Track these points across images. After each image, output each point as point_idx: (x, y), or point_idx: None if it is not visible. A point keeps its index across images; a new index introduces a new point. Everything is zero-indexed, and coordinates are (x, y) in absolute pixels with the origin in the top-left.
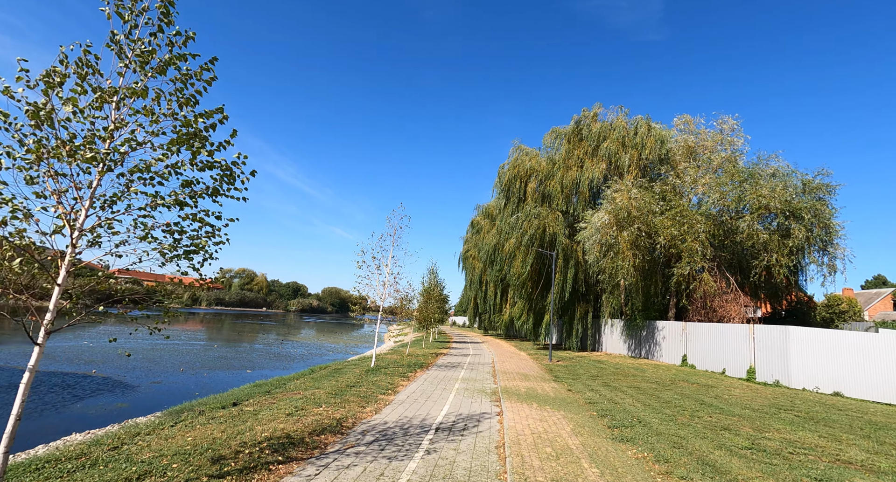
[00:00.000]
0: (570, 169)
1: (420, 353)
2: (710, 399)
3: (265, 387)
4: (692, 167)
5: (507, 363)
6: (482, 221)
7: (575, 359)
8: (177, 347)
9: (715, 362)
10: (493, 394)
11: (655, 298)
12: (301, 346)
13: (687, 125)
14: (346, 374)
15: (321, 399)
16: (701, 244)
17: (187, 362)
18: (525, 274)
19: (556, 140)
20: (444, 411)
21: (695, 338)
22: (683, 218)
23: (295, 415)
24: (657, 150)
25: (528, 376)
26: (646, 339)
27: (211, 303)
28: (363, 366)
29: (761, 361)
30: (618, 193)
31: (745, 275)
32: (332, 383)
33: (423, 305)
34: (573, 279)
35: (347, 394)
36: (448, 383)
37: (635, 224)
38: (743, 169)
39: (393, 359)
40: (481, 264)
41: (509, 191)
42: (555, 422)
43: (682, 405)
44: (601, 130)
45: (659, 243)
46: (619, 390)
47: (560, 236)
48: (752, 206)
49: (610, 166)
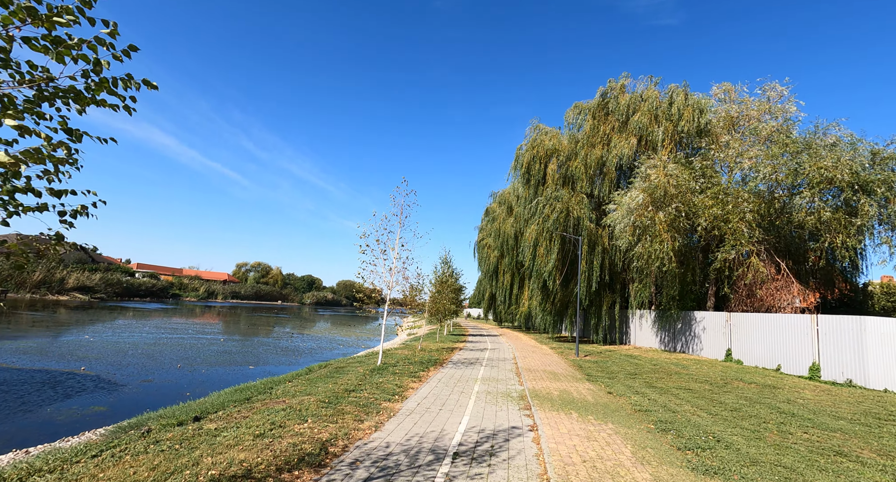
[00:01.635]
0: (594, 147)
1: (434, 348)
2: (784, 405)
3: (246, 393)
4: (735, 139)
5: (530, 359)
6: (497, 209)
7: (603, 353)
8: (181, 342)
9: (766, 357)
10: (520, 398)
11: (693, 287)
12: (311, 340)
13: (727, 94)
14: (347, 374)
15: (309, 410)
16: (748, 225)
17: (188, 358)
18: (549, 262)
19: (579, 116)
20: (463, 425)
21: (741, 331)
22: (727, 196)
23: (266, 437)
24: (695, 121)
25: (556, 375)
26: (681, 332)
27: (227, 296)
28: (369, 363)
29: (828, 357)
30: (653, 170)
31: (795, 260)
32: (329, 386)
33: (436, 296)
34: (599, 267)
35: (344, 401)
36: (466, 385)
37: (673, 203)
38: (798, 139)
39: (403, 355)
40: (497, 253)
41: (528, 173)
42: (607, 442)
43: (757, 414)
44: (630, 103)
45: (700, 225)
46: (667, 392)
47: (585, 221)
48: (811, 179)
49: (640, 142)
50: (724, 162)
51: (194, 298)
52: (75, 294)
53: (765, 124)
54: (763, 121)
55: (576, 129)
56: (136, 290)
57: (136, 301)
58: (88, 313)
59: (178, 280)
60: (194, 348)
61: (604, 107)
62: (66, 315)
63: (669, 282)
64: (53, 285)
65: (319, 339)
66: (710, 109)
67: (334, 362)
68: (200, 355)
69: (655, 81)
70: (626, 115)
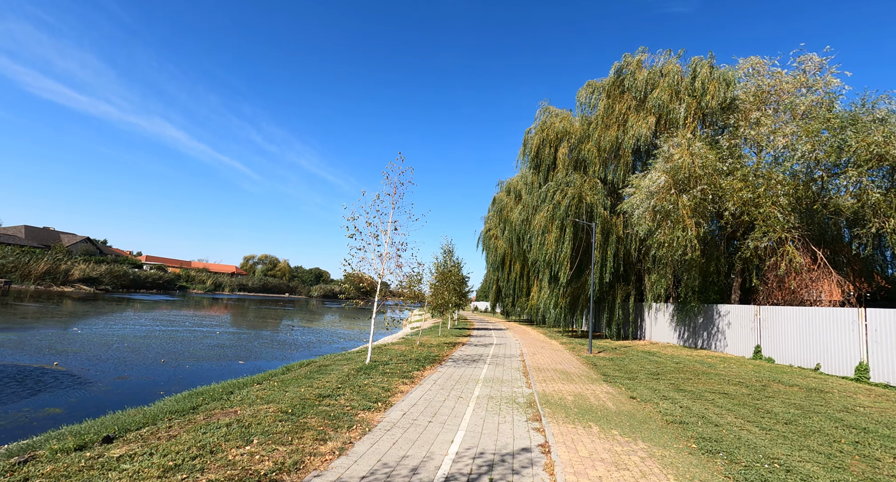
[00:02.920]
0: (609, 128)
1: (434, 343)
2: (845, 415)
3: (195, 399)
4: (767, 116)
5: (540, 355)
6: (505, 198)
7: (618, 349)
8: (174, 335)
9: (803, 356)
10: (528, 405)
11: (716, 278)
12: (312, 333)
13: (755, 69)
14: (328, 375)
15: (261, 425)
16: (781, 210)
17: (175, 352)
18: (560, 252)
19: (592, 95)
20: (456, 446)
21: (773, 326)
22: (758, 178)
23: (182, 471)
24: (721, 95)
25: (569, 375)
26: (703, 327)
27: (234, 289)
28: (359, 361)
29: (879, 356)
30: (676, 149)
31: (832, 249)
32: (301, 391)
33: (438, 288)
34: (613, 257)
35: (311, 411)
36: (465, 387)
37: (698, 186)
38: (841, 113)
39: (399, 350)
40: (504, 244)
41: (537, 158)
42: (642, 472)
43: (820, 428)
44: (648, 79)
45: (727, 210)
46: (700, 398)
47: (598, 207)
48: (858, 157)
49: (660, 121)
50: (754, 141)
51: (201, 291)
52: (80, 285)
53: (802, 99)
54: (799, 95)
55: (588, 109)
56: (143, 282)
57: (143, 293)
58: (91, 305)
59: (185, 272)
60: (186, 341)
61: (619, 84)
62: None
63: (691, 273)
64: (58, 276)
65: (321, 333)
66: (736, 83)
67: (319, 360)
68: (190, 349)
69: (677, 55)
70: (643, 93)
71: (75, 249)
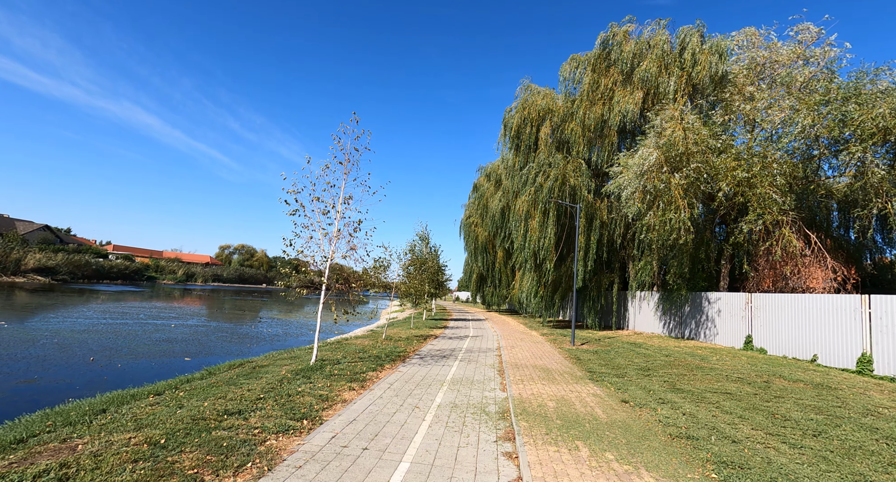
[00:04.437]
0: (594, 104)
1: (403, 336)
2: (873, 421)
3: (38, 425)
4: (762, 90)
5: (519, 349)
6: (485, 183)
7: (602, 340)
8: (120, 328)
9: (798, 346)
10: (501, 416)
11: (706, 264)
12: (280, 325)
13: (749, 40)
14: (257, 379)
15: (97, 472)
16: (778, 190)
17: (113, 348)
18: (543, 238)
19: (576, 70)
20: None
21: (765, 315)
22: (753, 156)
23: None
24: (713, 67)
25: (550, 372)
26: (690, 316)
27: (207, 279)
28: (306, 359)
29: (884, 347)
30: (669, 122)
31: (825, 232)
32: (201, 407)
33: (412, 275)
34: (596, 244)
35: (194, 441)
36: (426, 392)
37: (692, 164)
38: (843, 84)
39: (360, 345)
40: (485, 232)
41: (518, 138)
42: None
43: (859, 443)
44: (635, 51)
45: (721, 190)
46: (703, 400)
47: (582, 190)
48: (864, 131)
49: (648, 96)
50: (748, 116)
51: (172, 281)
52: (34, 276)
53: (800, 70)
54: (796, 67)
55: (573, 85)
56: (108, 273)
57: (106, 284)
58: (41, 296)
59: (154, 262)
60: (130, 336)
61: (605, 57)
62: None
63: (681, 259)
64: (8, 266)
65: (289, 324)
66: (729, 56)
67: (259, 359)
68: (131, 345)
69: (663, 24)
70: (630, 66)
71: (32, 238)
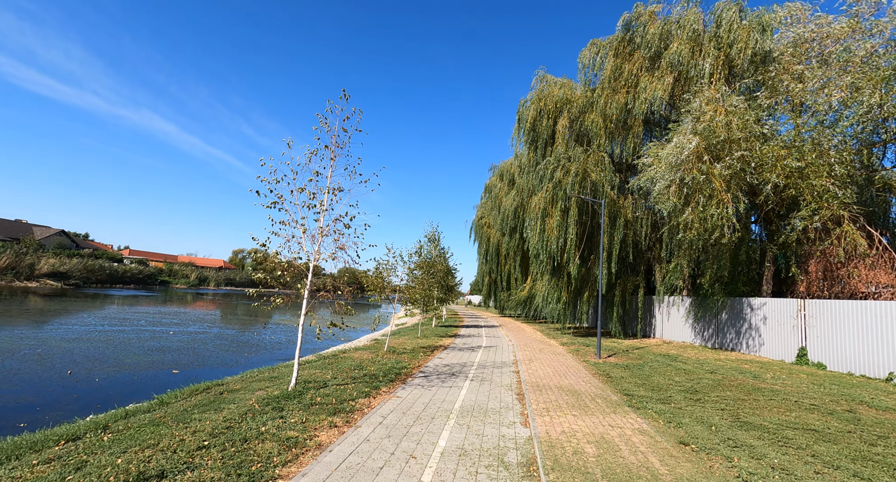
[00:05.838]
0: (617, 93)
1: (409, 347)
2: None
3: None
4: (812, 69)
5: (538, 363)
6: (497, 183)
7: (630, 351)
8: (115, 336)
9: (867, 362)
10: (525, 472)
11: (746, 266)
12: (284, 332)
13: (793, 16)
14: (221, 411)
15: None
16: (838, 182)
17: (96, 359)
18: (563, 237)
19: (596, 56)
20: None
21: (823, 324)
22: (805, 143)
23: None
24: (756, 44)
25: (580, 396)
26: (729, 324)
27: (220, 283)
28: (287, 381)
29: None
30: (709, 106)
31: (888, 229)
32: (114, 466)
33: (420, 279)
34: (620, 244)
35: None
36: (428, 430)
37: (736, 152)
38: None
39: (357, 360)
40: (497, 233)
41: (534, 132)
42: None
43: None
44: (663, 32)
45: (770, 182)
46: (785, 442)
47: (605, 186)
48: None
49: (678, 81)
50: (795, 99)
51: (184, 285)
52: (47, 280)
53: (859, 44)
54: (853, 41)
55: (593, 73)
56: (121, 277)
57: (119, 288)
58: (49, 301)
59: (168, 266)
60: (122, 345)
61: (629, 41)
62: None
63: (718, 261)
64: (22, 271)
65: (294, 331)
66: (772, 32)
67: (231, 380)
68: (119, 355)
69: (696, 1)
70: (657, 49)
71: (48, 243)
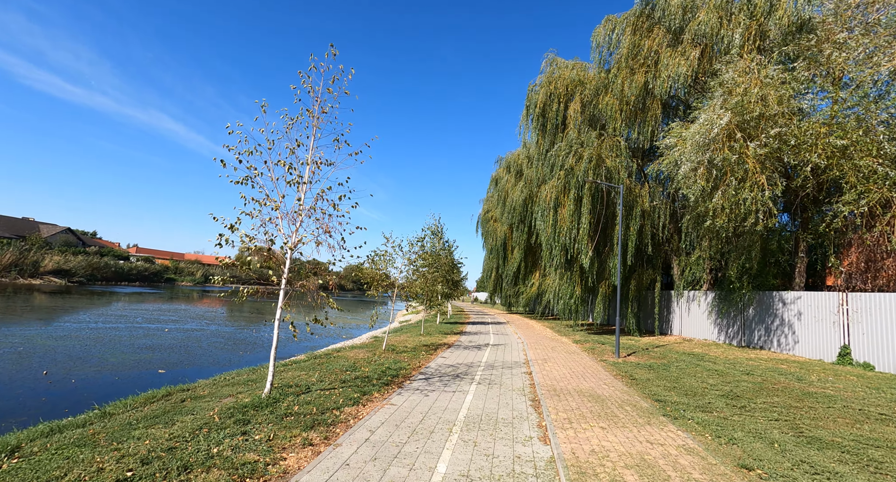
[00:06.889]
0: (634, 72)
1: (410, 345)
2: None
3: None
4: (856, 37)
5: (552, 363)
6: (504, 175)
7: (651, 349)
8: (104, 334)
9: None
10: None
11: (778, 257)
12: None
13: None
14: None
15: None
16: (887, 161)
17: (78, 358)
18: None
19: (612, 33)
20: None
21: (870, 320)
22: (849, 120)
23: None
24: (795, 12)
25: (604, 402)
26: (758, 320)
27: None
28: (264, 385)
29: None
30: (743, 77)
31: None
32: None
33: (425, 273)
34: (637, 235)
35: None
36: (424, 449)
37: (773, 128)
38: None
39: (352, 359)
40: (505, 227)
41: (543, 117)
42: None
43: None
44: (686, 3)
45: (810, 162)
46: (870, 463)
47: (621, 173)
48: None
49: (703, 56)
50: (837, 70)
51: (190, 283)
52: (51, 278)
53: None
54: None
55: (607, 51)
56: (126, 275)
57: (124, 286)
58: (50, 298)
59: (174, 264)
60: (112, 343)
61: (647, 16)
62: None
63: (748, 252)
64: (26, 268)
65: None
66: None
67: (200, 384)
68: (104, 353)
69: None
70: (680, 22)
71: (54, 240)
